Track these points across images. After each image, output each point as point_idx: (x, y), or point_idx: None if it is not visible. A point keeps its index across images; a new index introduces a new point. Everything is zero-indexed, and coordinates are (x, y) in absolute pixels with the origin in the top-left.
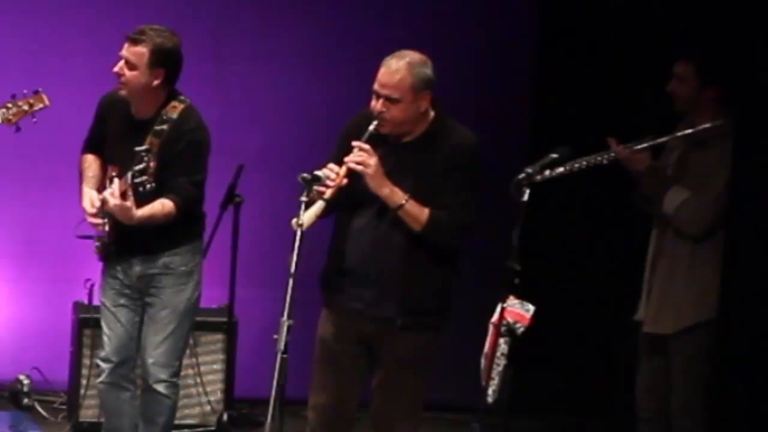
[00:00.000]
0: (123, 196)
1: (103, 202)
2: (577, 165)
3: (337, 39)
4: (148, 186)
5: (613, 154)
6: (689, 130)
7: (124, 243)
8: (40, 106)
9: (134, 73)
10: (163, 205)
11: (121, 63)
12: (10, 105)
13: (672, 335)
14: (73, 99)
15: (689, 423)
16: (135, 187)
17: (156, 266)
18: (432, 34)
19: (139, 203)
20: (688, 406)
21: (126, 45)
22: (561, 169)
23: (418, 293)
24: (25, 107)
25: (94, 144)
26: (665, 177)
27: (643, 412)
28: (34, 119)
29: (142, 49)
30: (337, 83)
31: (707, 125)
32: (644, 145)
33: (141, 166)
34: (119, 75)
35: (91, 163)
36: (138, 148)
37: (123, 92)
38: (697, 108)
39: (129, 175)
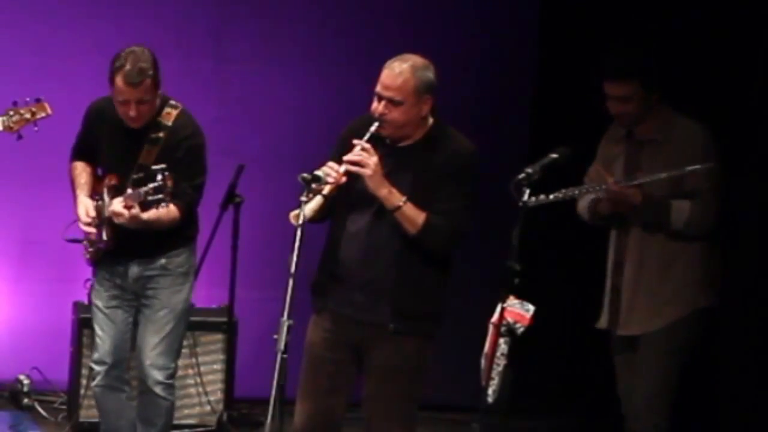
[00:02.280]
0: (129, 210)
1: (103, 212)
2: (570, 193)
3: (337, 39)
4: (164, 204)
5: (605, 187)
6: (678, 171)
7: (121, 247)
8: (42, 114)
9: (147, 106)
10: (168, 211)
11: (133, 105)
12: (11, 112)
13: (648, 334)
14: (72, 99)
15: (656, 419)
16: (149, 204)
17: (154, 268)
18: (432, 34)
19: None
20: (655, 402)
21: (128, 89)
22: (554, 195)
23: (411, 298)
24: (27, 115)
25: (83, 151)
26: (658, 200)
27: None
28: (36, 128)
29: (148, 83)
30: (337, 84)
31: (697, 167)
32: (635, 182)
33: (156, 184)
34: (137, 117)
35: (81, 170)
36: (155, 167)
37: (137, 125)
38: (645, 115)
39: (141, 191)
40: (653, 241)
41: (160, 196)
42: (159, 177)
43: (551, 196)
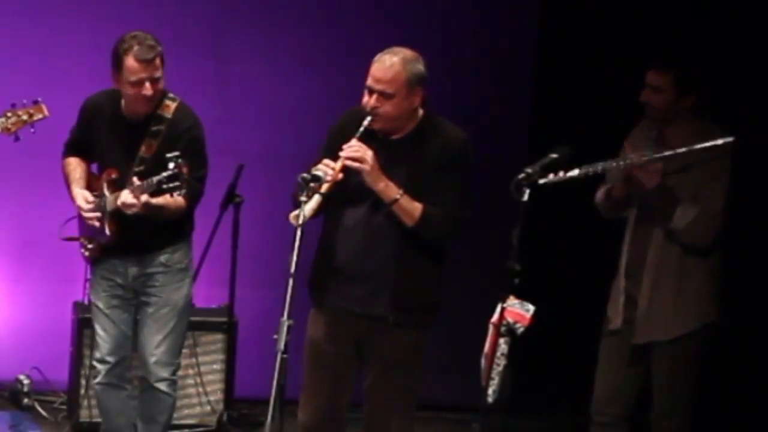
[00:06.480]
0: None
1: (104, 207)
2: (591, 169)
3: (336, 39)
4: (179, 192)
5: (629, 161)
6: (703, 144)
7: (121, 243)
8: (40, 116)
9: (160, 85)
10: (175, 200)
11: (148, 84)
12: (9, 114)
13: (659, 343)
14: (71, 99)
15: (675, 424)
16: (163, 193)
17: (153, 265)
18: (432, 34)
19: None
20: (674, 410)
21: (141, 66)
22: (576, 172)
23: (409, 290)
24: (25, 117)
25: (77, 147)
26: (672, 193)
27: (601, 417)
28: (33, 129)
29: (159, 61)
30: (337, 83)
31: (718, 142)
32: (657, 156)
33: (170, 172)
34: (152, 96)
35: (76, 165)
36: (168, 155)
37: (146, 108)
38: (672, 116)
39: (154, 180)
40: (672, 251)
41: (177, 183)
42: (172, 165)
43: (568, 174)
